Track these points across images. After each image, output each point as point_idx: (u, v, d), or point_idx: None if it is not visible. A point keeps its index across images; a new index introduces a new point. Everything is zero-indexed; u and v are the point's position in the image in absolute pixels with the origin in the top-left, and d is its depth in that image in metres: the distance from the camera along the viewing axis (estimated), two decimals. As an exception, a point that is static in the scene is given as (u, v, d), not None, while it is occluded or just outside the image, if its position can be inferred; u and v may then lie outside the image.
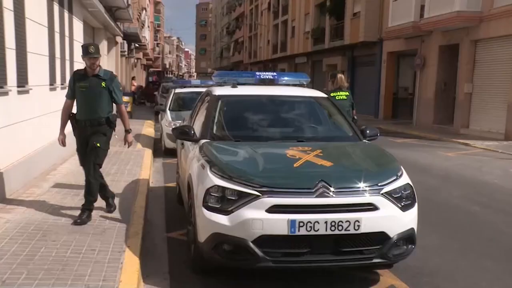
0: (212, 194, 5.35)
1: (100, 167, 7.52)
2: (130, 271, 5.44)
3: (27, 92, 9.66)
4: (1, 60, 8.17)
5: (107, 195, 7.85)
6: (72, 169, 11.12)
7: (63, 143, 7.73)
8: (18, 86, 9.12)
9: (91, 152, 7.30)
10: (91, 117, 7.33)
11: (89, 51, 7.16)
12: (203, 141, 6.55)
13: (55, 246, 6.12)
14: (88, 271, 5.38)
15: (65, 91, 13.22)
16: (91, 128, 7.33)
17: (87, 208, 7.25)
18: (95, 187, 7.38)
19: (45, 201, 8.21)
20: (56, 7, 12.33)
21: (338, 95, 10.93)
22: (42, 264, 5.55)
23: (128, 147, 7.97)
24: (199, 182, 5.67)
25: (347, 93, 11.17)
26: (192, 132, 6.92)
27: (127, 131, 7.74)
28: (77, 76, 7.44)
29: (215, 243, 5.28)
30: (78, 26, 15.85)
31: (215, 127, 6.87)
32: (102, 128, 7.40)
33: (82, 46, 7.79)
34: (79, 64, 15.90)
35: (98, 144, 7.23)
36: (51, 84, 11.80)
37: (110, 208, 7.78)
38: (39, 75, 10.58)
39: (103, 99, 7.35)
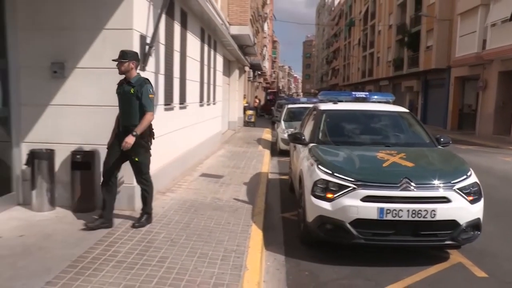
0: (318, 185, 5.39)
1: (148, 175, 5.91)
2: (256, 240, 5.54)
3: (185, 108, 9.98)
4: (170, 86, 8.54)
5: (107, 206, 5.78)
6: (213, 163, 11.45)
7: (108, 146, 5.94)
8: (180, 104, 9.48)
9: (132, 166, 5.83)
10: (124, 124, 5.73)
11: (118, 57, 5.68)
12: (311, 144, 6.57)
13: (203, 218, 6.34)
14: (226, 238, 5.53)
15: (210, 107, 13.80)
16: (124, 135, 5.63)
17: (147, 212, 5.96)
18: (151, 195, 5.97)
19: (195, 186, 8.50)
20: (205, 47, 12.73)
21: None
22: (195, 230, 5.78)
23: (123, 149, 5.56)
24: (308, 176, 5.71)
25: None
26: (303, 137, 6.96)
27: (132, 133, 5.54)
28: (119, 83, 5.84)
29: (320, 223, 5.32)
30: (219, 60, 16.26)
31: (320, 134, 6.85)
32: (136, 139, 5.60)
33: None
34: (220, 87, 16.41)
35: (137, 159, 5.72)
36: (200, 102, 12.13)
37: (96, 221, 5.70)
38: (192, 95, 10.92)
39: (133, 106, 5.64)
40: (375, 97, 8.35)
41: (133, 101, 5.63)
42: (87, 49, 6.33)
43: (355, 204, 5.07)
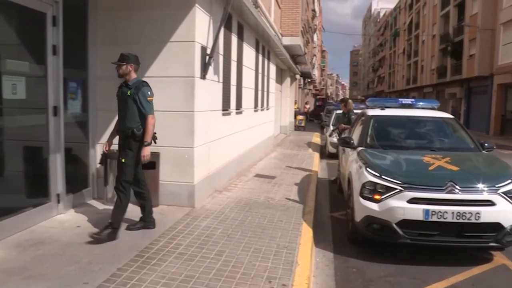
0: (366, 187, 5.28)
1: (129, 183, 5.20)
2: (306, 237, 5.47)
3: (240, 113, 10.03)
4: (227, 93, 8.61)
5: (145, 209, 5.54)
6: (266, 164, 11.45)
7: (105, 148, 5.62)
8: (236, 109, 9.53)
9: (117, 168, 5.30)
10: (121, 128, 5.26)
11: (118, 60, 5.23)
12: (359, 148, 6.44)
13: (257, 216, 6.33)
14: (278, 235, 5.49)
15: (263, 112, 13.82)
16: (122, 140, 5.27)
17: (113, 226, 5.04)
18: (124, 207, 5.18)
19: (250, 185, 8.51)
20: (260, 57, 12.75)
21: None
22: (249, 227, 5.77)
23: (143, 162, 5.19)
24: (357, 178, 5.60)
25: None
26: (352, 141, 6.85)
27: (144, 144, 5.11)
28: (119, 86, 5.37)
29: (367, 223, 5.21)
30: (272, 68, 16.28)
31: (368, 138, 6.70)
32: (128, 142, 5.16)
33: None
34: (272, 94, 16.42)
35: (123, 160, 5.13)
36: (254, 107, 12.15)
37: (137, 224, 5.49)
38: (248, 101, 10.95)
39: (129, 109, 5.12)
40: (421, 103, 8.11)
41: (130, 104, 5.14)
42: (153, 60, 6.47)
43: (401, 206, 4.93)
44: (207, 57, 6.73)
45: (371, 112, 7.51)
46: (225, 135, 8.48)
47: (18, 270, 4.07)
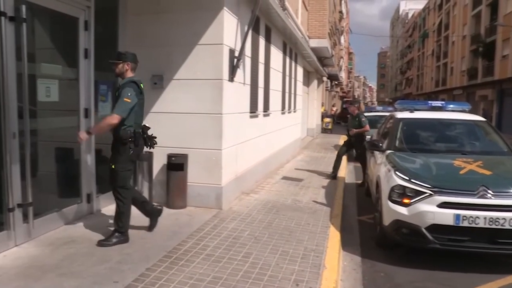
0: (395, 190, 5.19)
1: (126, 189, 4.94)
2: (334, 241, 5.43)
3: (268, 115, 10.04)
4: (255, 95, 8.63)
5: (149, 210, 5.41)
6: (293, 167, 11.42)
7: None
8: (263, 111, 9.55)
9: (109, 175, 4.91)
10: (112, 130, 4.81)
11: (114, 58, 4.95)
12: (388, 151, 6.35)
13: (284, 219, 6.31)
14: (306, 238, 5.46)
15: (290, 115, 13.79)
16: (112, 143, 4.88)
17: (118, 231, 4.94)
18: (125, 213, 4.97)
19: (277, 188, 8.49)
20: (287, 59, 12.73)
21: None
22: (276, 230, 5.76)
23: (79, 142, 4.88)
24: (385, 181, 5.51)
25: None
26: (380, 144, 6.78)
27: (88, 131, 4.81)
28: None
29: (396, 227, 5.12)
30: (300, 71, 16.23)
31: (397, 141, 6.60)
32: (116, 145, 4.81)
33: None
34: (299, 96, 16.37)
35: (113, 166, 4.80)
36: (282, 110, 12.13)
37: (151, 227, 5.40)
38: (275, 104, 10.95)
39: None
40: (451, 106, 7.94)
41: None
42: (182, 63, 6.54)
43: (431, 210, 4.83)
44: (235, 60, 6.76)
45: (400, 114, 7.41)
46: (253, 137, 8.50)
47: (52, 267, 4.18)
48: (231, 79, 6.74)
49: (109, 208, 6.27)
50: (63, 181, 5.92)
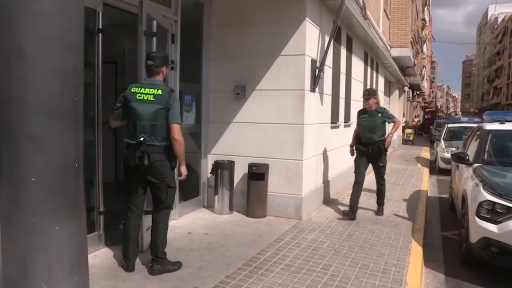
0: (483, 206, 4.84)
1: (171, 209, 4.51)
2: (416, 256, 5.20)
3: (349, 126, 9.89)
4: (336, 105, 8.55)
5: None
6: (372, 179, 11.06)
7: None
8: (344, 122, 9.44)
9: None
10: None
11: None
12: (475, 165, 5.98)
13: (364, 231, 6.15)
14: (387, 252, 5.28)
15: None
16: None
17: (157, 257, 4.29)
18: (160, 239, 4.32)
19: (356, 200, 8.32)
20: (368, 69, 12.50)
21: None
22: (356, 242, 5.63)
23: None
24: (473, 196, 5.17)
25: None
26: (467, 157, 6.42)
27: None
28: None
29: (484, 245, 4.75)
30: (381, 81, 15.86)
31: (485, 154, 6.21)
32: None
33: None
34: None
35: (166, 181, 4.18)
36: (360, 120, 11.86)
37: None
38: (355, 114, 10.73)
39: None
40: None
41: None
42: (264, 74, 6.61)
43: None
44: (317, 70, 6.73)
45: (488, 126, 6.97)
46: (333, 148, 8.40)
47: (137, 269, 4.35)
48: (313, 89, 6.71)
49: (190, 215, 6.46)
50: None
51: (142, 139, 4.02)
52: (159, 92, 4.04)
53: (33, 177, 2.02)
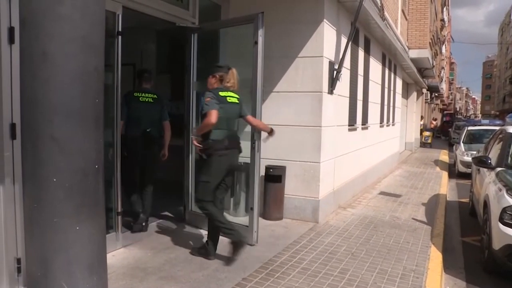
0: (507, 212, 4.74)
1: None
2: (435, 262, 5.14)
3: (366, 128, 9.84)
4: (354, 108, 8.51)
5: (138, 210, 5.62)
6: (391, 182, 11.06)
7: None
8: (362, 124, 9.38)
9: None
10: None
11: None
12: (498, 169, 5.89)
13: (382, 236, 6.11)
14: (405, 257, 5.23)
15: (389, 128, 13.40)
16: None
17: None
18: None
19: (374, 203, 8.25)
20: (386, 71, 12.42)
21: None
22: (374, 246, 5.59)
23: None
24: (496, 201, 5.08)
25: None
26: (489, 161, 6.32)
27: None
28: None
29: (509, 252, 4.64)
30: (398, 83, 15.74)
31: (509, 158, 6.11)
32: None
33: None
34: (398, 109, 15.87)
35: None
36: (380, 123, 11.84)
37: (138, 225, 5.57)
38: (373, 117, 10.71)
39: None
40: None
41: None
42: (281, 75, 6.61)
43: None
44: (335, 72, 6.71)
45: (511, 129, 6.89)
46: (351, 150, 8.36)
47: (153, 270, 4.40)
48: (331, 91, 6.69)
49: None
50: (168, 190, 6.24)
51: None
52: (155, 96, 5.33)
53: (55, 177, 2.06)
